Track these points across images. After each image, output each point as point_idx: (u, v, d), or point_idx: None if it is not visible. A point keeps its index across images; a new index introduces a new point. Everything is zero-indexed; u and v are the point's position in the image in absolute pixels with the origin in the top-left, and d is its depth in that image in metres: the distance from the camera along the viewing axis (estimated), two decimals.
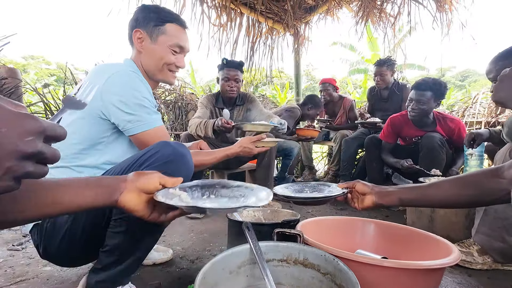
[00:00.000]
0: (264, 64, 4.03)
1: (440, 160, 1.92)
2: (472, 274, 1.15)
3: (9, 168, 0.28)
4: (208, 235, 1.58)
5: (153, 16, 1.00)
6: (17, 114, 0.29)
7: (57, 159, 0.33)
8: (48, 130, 0.30)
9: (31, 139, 0.29)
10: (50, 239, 0.82)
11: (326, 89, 3.14)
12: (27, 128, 0.28)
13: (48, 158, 0.31)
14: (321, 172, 3.84)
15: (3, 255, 1.28)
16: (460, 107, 3.67)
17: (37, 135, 0.29)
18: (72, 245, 0.83)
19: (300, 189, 1.06)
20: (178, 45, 1.03)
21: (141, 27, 1.00)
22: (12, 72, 2.20)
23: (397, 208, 2.18)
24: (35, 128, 0.29)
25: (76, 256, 0.90)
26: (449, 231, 1.44)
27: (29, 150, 0.28)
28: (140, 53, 1.03)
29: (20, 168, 0.28)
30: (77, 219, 0.80)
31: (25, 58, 23.18)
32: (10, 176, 0.28)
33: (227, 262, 0.72)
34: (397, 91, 2.66)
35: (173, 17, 1.03)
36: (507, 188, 0.68)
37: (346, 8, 3.61)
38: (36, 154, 0.29)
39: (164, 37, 1.01)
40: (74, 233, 0.81)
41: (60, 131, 0.33)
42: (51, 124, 0.31)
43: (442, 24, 3.07)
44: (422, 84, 1.93)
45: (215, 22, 3.47)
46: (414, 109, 1.95)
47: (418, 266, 0.69)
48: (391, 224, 1.05)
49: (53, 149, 0.32)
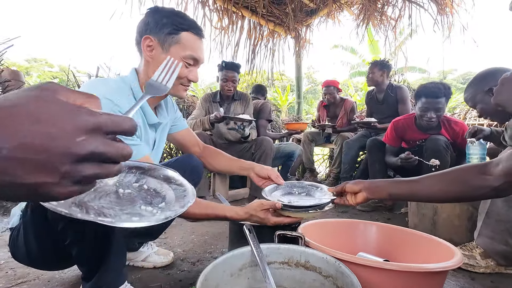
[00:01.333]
0: (265, 67, 4.05)
1: (445, 163, 1.90)
2: (475, 277, 1.14)
3: (66, 173, 0.25)
4: (209, 237, 1.58)
5: (166, 22, 0.88)
6: (70, 110, 0.25)
7: (126, 157, 0.28)
8: (106, 126, 0.26)
9: (84, 139, 0.25)
10: (15, 246, 0.86)
11: (330, 92, 3.15)
12: (78, 126, 0.25)
13: (112, 158, 0.27)
14: (322, 175, 3.83)
15: (4, 257, 1.28)
16: (461, 110, 3.67)
17: (91, 133, 0.25)
18: (32, 255, 0.84)
19: (289, 191, 1.05)
20: (193, 57, 0.92)
21: (152, 34, 0.89)
22: (15, 74, 2.22)
23: (399, 211, 2.17)
24: (88, 125, 0.25)
25: (43, 264, 0.90)
26: (452, 234, 1.43)
27: (81, 152, 0.25)
28: (148, 63, 0.91)
29: (77, 171, 0.25)
30: (27, 230, 0.80)
31: (28, 61, 23.36)
32: (69, 181, 0.25)
33: (229, 264, 0.72)
34: (391, 93, 2.67)
35: (189, 24, 0.91)
36: (492, 184, 0.70)
37: (347, 11, 3.63)
38: (92, 155, 0.25)
39: (177, 47, 0.89)
40: (29, 244, 0.82)
41: (125, 125, 0.28)
42: (111, 118, 0.27)
43: (443, 27, 3.08)
44: (436, 91, 1.87)
45: (217, 25, 3.50)
46: (433, 117, 1.90)
47: (420, 269, 0.68)
48: (393, 227, 1.04)
49: (119, 147, 0.27)
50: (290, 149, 2.64)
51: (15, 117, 0.23)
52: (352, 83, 12.66)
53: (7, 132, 0.23)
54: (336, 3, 3.48)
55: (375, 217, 2.02)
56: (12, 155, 0.23)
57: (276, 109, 5.05)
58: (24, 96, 0.25)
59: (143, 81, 0.94)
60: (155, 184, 0.57)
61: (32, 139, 0.23)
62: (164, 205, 0.51)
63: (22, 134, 0.23)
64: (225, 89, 2.38)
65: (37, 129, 0.23)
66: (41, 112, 0.24)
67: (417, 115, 2.00)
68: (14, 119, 0.23)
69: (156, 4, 2.98)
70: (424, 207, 1.56)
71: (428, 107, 1.90)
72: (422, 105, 1.92)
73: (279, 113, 5.13)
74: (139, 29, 0.93)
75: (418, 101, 1.96)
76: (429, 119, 1.91)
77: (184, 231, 1.67)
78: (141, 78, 0.95)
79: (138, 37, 0.93)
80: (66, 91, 0.27)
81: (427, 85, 1.93)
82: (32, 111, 0.24)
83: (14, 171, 0.23)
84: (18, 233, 0.85)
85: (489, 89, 1.37)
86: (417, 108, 1.98)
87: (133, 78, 0.93)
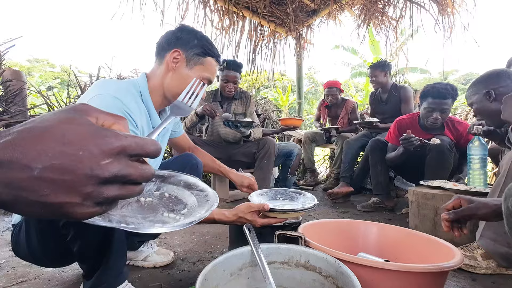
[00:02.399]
0: (266, 67, 4.05)
1: (448, 164, 1.89)
2: (476, 278, 1.14)
3: (88, 194, 0.25)
4: (209, 237, 1.58)
5: (197, 44, 0.99)
6: (97, 133, 0.26)
7: (148, 178, 0.29)
8: (130, 149, 0.27)
9: (108, 162, 0.26)
10: (16, 243, 0.87)
11: (333, 94, 3.14)
12: (103, 149, 0.25)
13: (135, 179, 0.28)
14: (323, 175, 3.82)
15: (5, 256, 1.29)
16: (463, 111, 3.66)
17: (115, 156, 0.26)
18: (34, 252, 0.84)
19: (274, 197, 1.11)
20: (209, 80, 1.03)
21: (182, 49, 0.97)
22: (17, 75, 2.22)
23: (400, 212, 2.16)
24: (113, 149, 0.26)
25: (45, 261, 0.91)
26: (453, 235, 1.43)
27: (105, 174, 0.25)
28: (168, 72, 0.98)
29: (100, 193, 0.26)
30: (29, 227, 0.81)
31: (30, 61, 23.46)
32: (92, 202, 0.26)
33: (228, 264, 0.72)
34: (395, 93, 2.67)
35: (215, 53, 1.03)
36: None
37: (348, 11, 3.63)
38: (115, 177, 0.26)
39: (201, 67, 1.00)
40: (31, 242, 0.82)
41: (149, 148, 0.28)
42: (135, 141, 0.27)
43: (444, 27, 3.07)
44: (444, 92, 1.85)
45: (218, 26, 3.50)
46: (438, 118, 1.89)
47: (421, 269, 0.68)
48: (393, 227, 1.04)
49: (142, 169, 0.28)
50: (287, 148, 2.60)
51: (47, 137, 0.25)
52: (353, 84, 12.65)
53: (40, 152, 0.24)
54: (337, 4, 3.48)
55: (376, 217, 2.01)
56: (43, 175, 0.24)
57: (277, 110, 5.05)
58: (58, 117, 0.26)
59: (154, 85, 0.99)
60: (176, 191, 0.57)
61: (62, 160, 0.24)
62: (187, 211, 0.51)
63: (53, 155, 0.24)
64: (225, 90, 2.29)
65: (67, 150, 0.24)
66: (71, 134, 0.25)
67: (422, 115, 1.97)
68: (47, 139, 0.24)
69: (157, 5, 3.00)
70: (425, 207, 1.56)
71: (434, 107, 1.88)
72: (428, 105, 1.89)
73: (280, 114, 5.13)
74: (169, 40, 0.99)
75: (424, 101, 1.92)
76: (434, 120, 1.89)
77: (184, 231, 1.67)
78: (152, 82, 0.99)
79: (166, 45, 0.99)
80: (96, 112, 0.29)
81: (435, 85, 1.89)
82: (64, 133, 0.25)
83: (42, 190, 0.24)
84: (20, 229, 0.85)
85: (487, 92, 1.37)
86: (422, 108, 1.95)
87: (143, 83, 0.97)
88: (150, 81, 0.99)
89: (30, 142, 0.24)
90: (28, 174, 0.23)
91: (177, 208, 0.52)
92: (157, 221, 0.47)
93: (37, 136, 0.24)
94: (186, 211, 0.51)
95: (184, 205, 0.54)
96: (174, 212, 0.50)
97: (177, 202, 0.54)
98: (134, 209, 0.48)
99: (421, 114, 1.98)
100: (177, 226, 0.44)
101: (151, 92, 0.97)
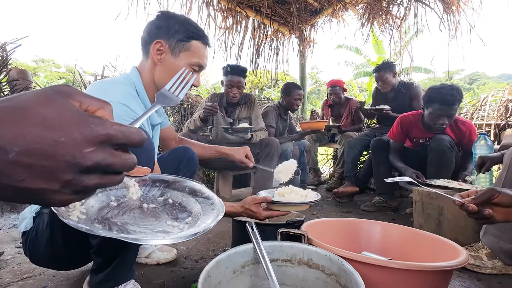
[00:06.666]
0: (269, 67, 4.04)
1: (450, 163, 1.88)
2: (481, 278, 1.12)
3: (67, 182, 0.24)
4: (212, 235, 1.58)
5: (179, 29, 0.92)
6: (81, 119, 0.25)
7: (130, 168, 0.28)
8: (115, 138, 0.26)
9: (92, 150, 0.24)
10: (34, 247, 0.85)
11: (336, 92, 3.12)
12: (87, 136, 0.24)
13: (117, 169, 0.27)
14: (326, 175, 3.81)
15: (11, 252, 1.30)
16: (468, 110, 3.62)
17: (99, 145, 0.25)
18: (56, 252, 0.84)
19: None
20: (199, 65, 0.97)
21: (164, 39, 0.92)
22: (23, 74, 2.24)
23: (404, 212, 2.14)
24: (97, 137, 0.25)
25: (65, 261, 0.90)
26: (458, 234, 1.41)
27: (87, 163, 0.24)
28: (156, 65, 0.95)
29: (79, 181, 0.25)
30: (54, 225, 0.80)
31: (36, 62, 23.74)
32: (70, 190, 0.25)
33: (231, 261, 0.72)
34: (403, 90, 2.63)
35: (199, 34, 0.96)
36: None
37: (351, 10, 3.60)
38: (97, 166, 0.25)
39: (187, 54, 0.94)
40: (54, 240, 0.81)
41: (134, 138, 0.27)
42: (121, 129, 0.26)
43: (450, 26, 3.03)
44: (451, 99, 1.82)
45: (221, 25, 3.51)
46: (445, 123, 1.87)
47: (425, 268, 0.68)
48: (397, 227, 1.04)
49: (124, 158, 0.27)
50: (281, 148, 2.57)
51: (27, 119, 0.23)
52: (356, 83, 12.57)
53: (18, 135, 0.22)
54: (341, 2, 3.46)
55: (380, 217, 2.00)
56: (19, 159, 0.22)
57: None
58: (39, 98, 0.24)
59: (147, 81, 0.96)
60: (180, 197, 0.56)
61: (41, 145, 0.23)
62: (191, 220, 0.50)
63: (32, 139, 0.23)
64: (229, 95, 2.24)
65: (47, 135, 0.23)
66: (53, 118, 0.24)
67: (427, 118, 1.93)
68: (26, 121, 0.23)
69: (161, 4, 3.01)
70: (429, 207, 1.54)
71: (442, 114, 1.85)
72: (435, 111, 1.85)
73: None
74: (150, 31, 0.94)
75: (430, 106, 1.88)
76: (442, 124, 1.87)
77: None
78: (144, 78, 0.96)
79: (148, 38, 0.94)
80: (80, 96, 0.27)
81: (441, 91, 1.83)
82: (45, 115, 0.23)
83: (18, 175, 0.23)
84: (36, 234, 0.84)
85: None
86: (427, 112, 1.91)
87: (137, 80, 0.95)
88: (142, 77, 0.96)
89: (6, 123, 0.22)
90: (1, 157, 0.22)
91: (181, 216, 0.51)
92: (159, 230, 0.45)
93: (15, 117, 0.23)
94: (190, 220, 0.50)
95: (189, 213, 0.52)
96: (178, 221, 0.49)
97: (182, 210, 0.53)
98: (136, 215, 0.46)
99: (426, 117, 1.94)
100: (180, 237, 0.43)
101: (146, 89, 0.96)
